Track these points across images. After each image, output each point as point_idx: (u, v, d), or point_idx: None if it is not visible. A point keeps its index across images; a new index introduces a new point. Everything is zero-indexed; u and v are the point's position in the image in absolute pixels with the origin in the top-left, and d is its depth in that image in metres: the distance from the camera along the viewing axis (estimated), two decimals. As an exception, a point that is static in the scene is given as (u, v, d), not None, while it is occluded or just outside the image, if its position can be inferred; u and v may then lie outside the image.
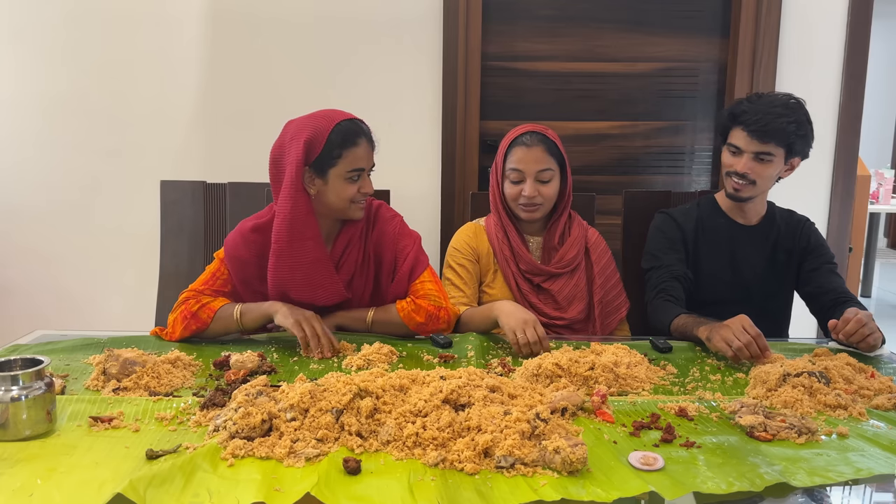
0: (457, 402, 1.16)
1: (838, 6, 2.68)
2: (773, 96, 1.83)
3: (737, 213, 1.95)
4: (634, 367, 1.43)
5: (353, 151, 1.61)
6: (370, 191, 1.67)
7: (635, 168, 2.88)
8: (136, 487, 0.91)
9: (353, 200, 1.65)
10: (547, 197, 1.87)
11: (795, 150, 1.82)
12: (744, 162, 1.82)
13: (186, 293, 1.65)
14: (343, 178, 1.61)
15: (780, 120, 1.77)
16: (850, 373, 1.41)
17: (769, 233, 1.94)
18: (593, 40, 2.79)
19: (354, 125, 1.64)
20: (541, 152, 1.84)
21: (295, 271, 1.62)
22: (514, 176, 1.87)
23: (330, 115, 1.63)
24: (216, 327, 1.61)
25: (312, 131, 1.59)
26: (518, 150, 1.86)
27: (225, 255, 1.69)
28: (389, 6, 2.66)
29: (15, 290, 2.81)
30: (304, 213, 1.61)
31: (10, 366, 1.14)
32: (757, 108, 1.79)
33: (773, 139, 1.79)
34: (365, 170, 1.65)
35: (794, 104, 1.81)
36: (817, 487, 1.00)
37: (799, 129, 1.79)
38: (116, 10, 2.66)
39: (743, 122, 1.81)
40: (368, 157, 1.65)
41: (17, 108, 2.71)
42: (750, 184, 1.84)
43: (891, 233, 7.92)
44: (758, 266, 1.93)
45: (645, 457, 1.05)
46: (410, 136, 2.73)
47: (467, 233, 1.97)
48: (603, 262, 1.97)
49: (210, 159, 2.73)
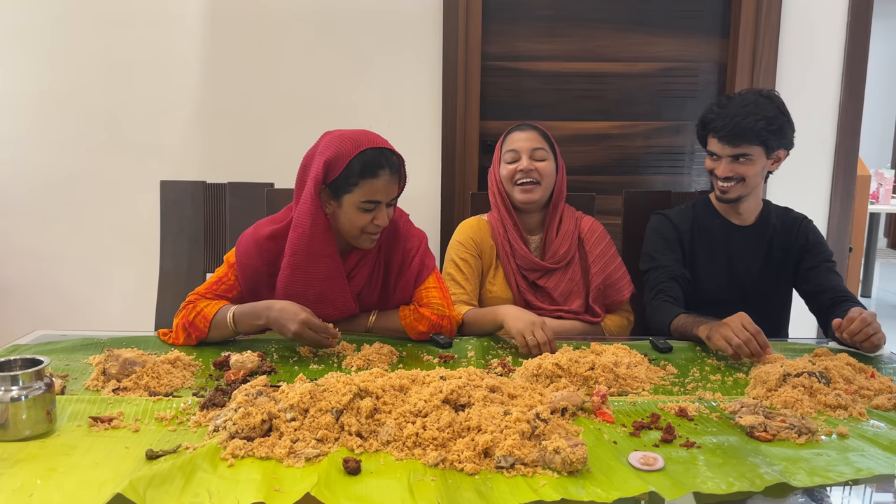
0: (457, 403, 1.16)
1: (838, 6, 2.68)
2: (742, 96, 1.83)
3: (731, 213, 1.95)
4: (634, 367, 1.43)
5: (370, 183, 1.55)
6: (384, 223, 1.60)
7: (635, 168, 2.88)
8: (135, 487, 0.91)
9: (365, 230, 1.59)
10: (543, 174, 1.88)
11: (773, 146, 1.83)
12: (723, 166, 1.84)
13: (189, 297, 1.63)
14: (356, 206, 1.56)
15: (747, 120, 1.78)
16: (850, 373, 1.41)
17: (765, 231, 1.94)
18: (593, 40, 2.79)
19: (380, 156, 1.56)
20: (534, 134, 1.91)
21: (308, 287, 1.61)
22: (510, 157, 1.90)
23: (360, 139, 1.57)
24: (215, 335, 1.59)
25: (335, 152, 1.55)
26: (513, 135, 1.92)
27: (236, 261, 1.65)
28: (390, 6, 2.66)
29: (14, 290, 2.81)
30: (323, 231, 1.58)
31: (9, 366, 1.14)
32: (725, 113, 1.81)
33: (744, 141, 1.80)
34: (382, 203, 1.58)
35: (764, 101, 1.81)
36: (817, 487, 1.00)
37: (770, 125, 1.79)
38: (117, 10, 2.66)
39: (713, 130, 1.85)
40: (388, 190, 1.57)
41: (17, 108, 2.71)
42: (738, 182, 1.85)
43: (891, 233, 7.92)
44: (754, 265, 1.93)
45: (645, 457, 1.05)
46: (410, 135, 2.73)
47: (471, 226, 1.97)
48: (600, 248, 1.96)
49: (210, 159, 2.73)
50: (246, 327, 1.58)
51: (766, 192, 2.72)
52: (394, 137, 2.71)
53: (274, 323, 1.54)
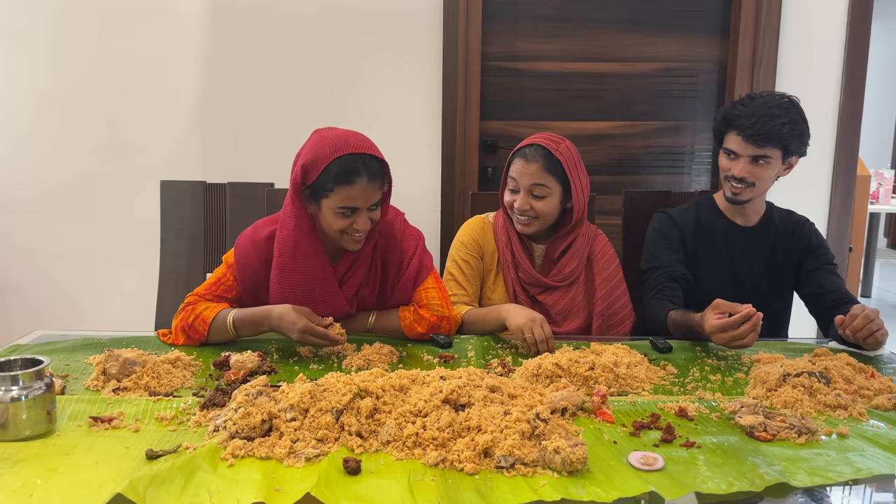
0: (457, 402, 1.16)
1: (838, 6, 2.68)
2: (766, 97, 1.81)
3: (735, 213, 1.95)
4: (634, 367, 1.43)
5: (346, 189, 1.52)
6: (364, 228, 1.56)
7: (635, 168, 2.88)
8: (135, 487, 0.91)
9: (346, 233, 1.57)
10: (541, 212, 1.81)
11: (792, 150, 1.82)
12: (741, 166, 1.81)
13: (188, 298, 1.63)
14: (333, 211, 1.54)
15: (774, 122, 1.76)
16: (850, 373, 1.41)
17: (767, 233, 1.93)
18: (593, 40, 2.79)
19: (357, 162, 1.51)
20: (537, 168, 1.79)
21: (297, 289, 1.61)
22: (512, 185, 1.84)
23: (340, 143, 1.52)
24: (215, 338, 1.59)
25: (313, 156, 1.52)
26: (518, 161, 1.82)
27: (234, 262, 1.65)
28: (390, 6, 2.66)
29: (15, 289, 2.81)
30: (307, 231, 1.58)
31: (10, 366, 1.14)
32: (751, 112, 1.78)
33: (769, 142, 1.78)
34: (360, 209, 1.55)
35: (788, 103, 1.80)
36: (817, 487, 1.00)
37: (794, 129, 1.78)
38: (117, 10, 2.66)
39: (737, 127, 1.80)
40: (365, 196, 1.53)
41: (17, 108, 2.71)
42: (749, 186, 1.84)
43: (891, 233, 7.92)
44: (756, 266, 1.93)
45: (645, 457, 1.05)
46: (410, 135, 2.73)
47: (475, 227, 1.94)
48: (608, 272, 1.90)
49: (210, 159, 2.73)
50: (247, 333, 1.59)
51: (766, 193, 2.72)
52: (394, 137, 2.74)
53: (276, 330, 1.56)
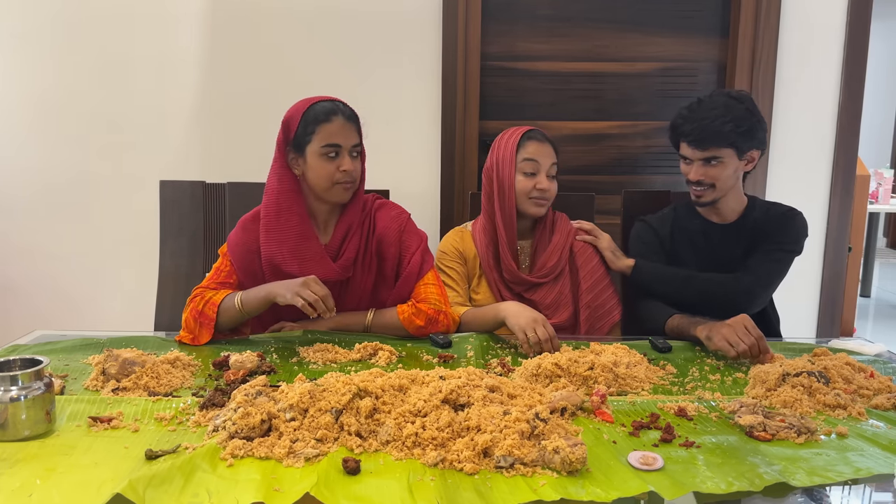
0: (456, 402, 1.16)
1: (838, 6, 2.68)
2: (711, 99, 1.83)
3: (711, 212, 1.95)
4: (634, 367, 1.43)
5: (325, 127, 1.64)
6: (349, 168, 1.65)
7: (635, 168, 2.88)
8: (135, 487, 0.91)
9: (336, 181, 1.65)
10: (554, 193, 1.91)
11: (743, 147, 1.82)
12: (695, 169, 1.84)
13: (195, 291, 1.68)
14: (319, 154, 1.64)
15: (715, 124, 1.78)
16: (849, 372, 1.41)
17: (745, 228, 1.92)
18: (593, 40, 2.79)
19: (331, 104, 1.67)
20: (550, 149, 1.91)
21: (283, 244, 1.66)
22: (530, 167, 1.87)
23: (314, 98, 1.69)
24: (224, 320, 1.63)
25: (291, 112, 1.68)
26: (532, 144, 1.89)
27: (228, 248, 1.73)
28: (389, 6, 2.66)
29: (15, 289, 2.81)
30: (289, 189, 1.67)
31: (9, 366, 1.14)
32: (693, 117, 1.81)
33: (713, 143, 1.80)
34: (342, 147, 1.65)
35: (733, 102, 1.80)
36: (817, 487, 1.00)
37: (739, 126, 1.78)
38: (116, 9, 2.65)
39: (681, 134, 1.85)
40: (345, 134, 1.66)
41: (17, 108, 2.71)
42: (709, 188, 1.85)
43: (890, 233, 7.93)
44: (735, 262, 1.91)
45: (644, 457, 1.05)
46: (410, 135, 2.73)
47: (454, 237, 1.99)
48: (591, 265, 1.95)
49: (209, 159, 2.73)
50: (253, 306, 1.62)
51: (765, 192, 2.72)
52: (393, 137, 2.74)
53: (278, 288, 1.57)
